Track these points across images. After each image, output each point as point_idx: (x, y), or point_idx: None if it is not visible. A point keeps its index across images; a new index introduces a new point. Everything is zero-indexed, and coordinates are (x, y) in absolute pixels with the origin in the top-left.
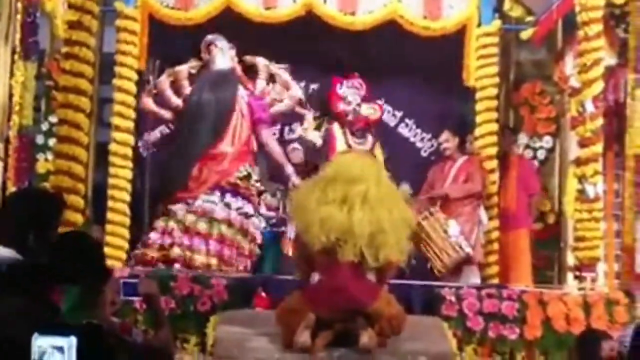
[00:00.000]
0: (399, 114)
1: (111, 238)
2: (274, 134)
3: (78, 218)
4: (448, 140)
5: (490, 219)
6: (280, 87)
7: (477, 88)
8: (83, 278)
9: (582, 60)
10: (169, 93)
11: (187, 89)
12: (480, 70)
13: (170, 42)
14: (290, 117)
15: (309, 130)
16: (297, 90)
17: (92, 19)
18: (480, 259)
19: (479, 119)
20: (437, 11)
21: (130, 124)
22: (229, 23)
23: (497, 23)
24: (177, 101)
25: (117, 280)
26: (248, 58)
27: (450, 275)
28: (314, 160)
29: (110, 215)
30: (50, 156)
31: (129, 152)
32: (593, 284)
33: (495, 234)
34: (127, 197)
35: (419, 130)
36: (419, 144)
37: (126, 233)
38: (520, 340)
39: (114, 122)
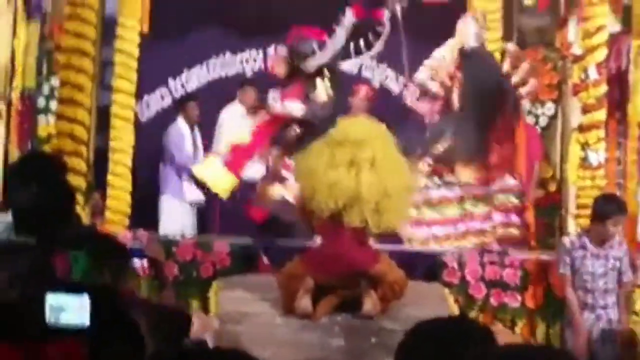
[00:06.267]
0: (402, 79)
1: (113, 202)
2: None
3: (80, 182)
4: None
5: None
6: None
7: None
8: (86, 244)
9: (585, 26)
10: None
11: None
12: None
13: (173, 5)
14: None
15: None
16: None
17: None
18: None
19: None
20: None
21: (132, 87)
22: None
23: None
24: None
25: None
26: None
27: None
28: None
29: (111, 180)
30: (52, 119)
31: (130, 115)
32: None
33: None
34: (129, 161)
35: None
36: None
37: (128, 197)
38: (521, 307)
39: (115, 85)
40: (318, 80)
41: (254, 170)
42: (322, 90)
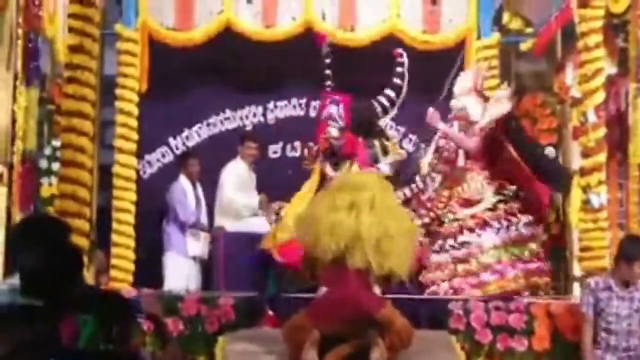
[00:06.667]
0: (402, 129)
1: (117, 260)
2: None
3: (84, 242)
4: None
5: None
6: None
7: None
8: (95, 309)
9: (582, 70)
10: None
11: None
12: None
13: (170, 63)
14: None
15: None
16: None
17: (93, 42)
18: None
19: None
20: (437, 25)
21: (133, 146)
22: (229, 43)
23: (496, 35)
24: None
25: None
26: None
27: None
28: None
29: (115, 238)
30: (54, 180)
31: (132, 174)
32: None
33: None
34: (132, 219)
35: (422, 145)
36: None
37: (132, 255)
38: (528, 351)
39: (116, 145)
40: (388, 142)
41: None
42: (393, 150)
